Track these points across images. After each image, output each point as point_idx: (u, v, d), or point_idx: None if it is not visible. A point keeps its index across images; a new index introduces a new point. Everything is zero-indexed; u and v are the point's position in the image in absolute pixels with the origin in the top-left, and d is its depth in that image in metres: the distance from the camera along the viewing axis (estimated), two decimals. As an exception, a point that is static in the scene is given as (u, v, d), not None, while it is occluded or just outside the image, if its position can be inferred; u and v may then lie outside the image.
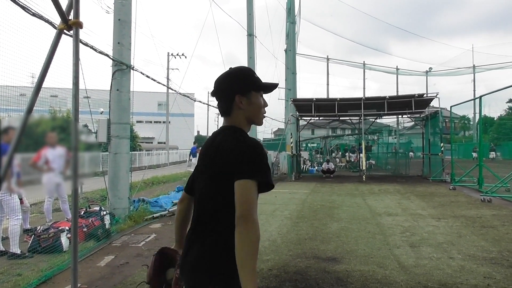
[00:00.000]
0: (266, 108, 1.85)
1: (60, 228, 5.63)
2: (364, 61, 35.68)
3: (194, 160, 16.53)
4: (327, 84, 32.95)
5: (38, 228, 5.69)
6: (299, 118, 20.12)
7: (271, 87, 1.84)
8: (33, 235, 5.53)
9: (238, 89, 1.73)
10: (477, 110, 13.38)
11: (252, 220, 1.41)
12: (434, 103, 17.76)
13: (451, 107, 16.08)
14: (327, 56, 33.85)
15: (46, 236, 5.41)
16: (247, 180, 1.47)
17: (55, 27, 3.95)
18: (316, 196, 11.51)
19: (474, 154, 30.80)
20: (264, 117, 1.85)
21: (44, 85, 3.56)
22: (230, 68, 1.81)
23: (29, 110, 3.30)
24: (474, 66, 41.02)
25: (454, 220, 7.42)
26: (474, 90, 40.69)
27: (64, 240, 5.47)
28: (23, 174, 5.48)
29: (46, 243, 5.34)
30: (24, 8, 4.58)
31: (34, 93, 3.46)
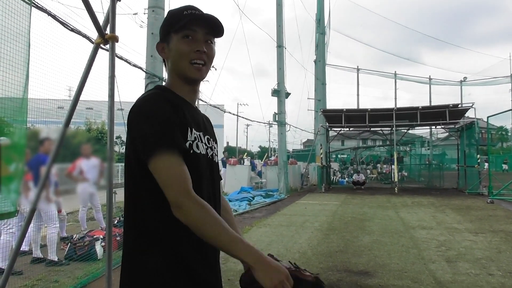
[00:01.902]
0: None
1: (94, 236, 5.77)
2: (395, 71, 35.09)
3: (223, 171, 16.63)
4: (357, 95, 32.58)
5: (74, 236, 5.86)
6: (329, 129, 19.96)
7: (197, 19, 1.31)
8: (69, 243, 5.70)
9: (160, 36, 1.40)
10: (516, 121, 12.88)
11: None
12: (470, 113, 17.26)
13: (488, 117, 15.53)
14: (357, 66, 33.53)
15: (82, 244, 5.56)
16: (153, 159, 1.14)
17: (92, 42, 4.10)
18: (347, 208, 11.32)
19: (504, 166, 29.67)
20: (199, 67, 1.32)
21: (80, 97, 3.70)
22: None
23: (67, 122, 3.43)
24: (511, 75, 39.59)
25: (492, 235, 7.11)
26: (512, 100, 39.19)
27: (99, 248, 5.60)
28: (61, 183, 5.70)
29: (81, 251, 5.49)
30: (63, 24, 4.78)
31: (72, 106, 3.60)
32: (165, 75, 7.64)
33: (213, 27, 1.35)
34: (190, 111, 1.35)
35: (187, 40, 1.30)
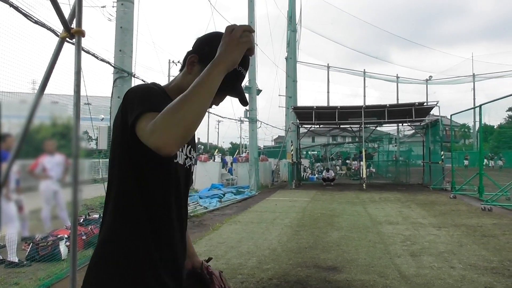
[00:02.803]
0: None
1: (59, 236, 5.59)
2: (364, 69, 35.84)
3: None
4: (328, 92, 33.11)
5: (37, 236, 5.66)
6: (300, 126, 20.14)
7: (233, 93, 1.34)
8: (31, 243, 5.49)
9: (201, 51, 1.30)
10: (477, 119, 13.43)
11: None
12: (434, 111, 17.84)
13: (451, 115, 16.12)
14: (328, 64, 34.05)
15: (45, 244, 5.37)
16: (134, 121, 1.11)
17: (58, 35, 3.96)
18: (317, 204, 11.47)
19: (466, 162, 30.92)
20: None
21: (45, 91, 3.57)
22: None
23: (30, 117, 3.30)
24: (474, 75, 41.21)
25: (455, 229, 7.38)
26: (474, 99, 40.82)
27: (63, 248, 5.43)
28: (22, 181, 5.48)
29: (44, 251, 5.30)
30: (26, 15, 4.59)
31: (35, 100, 3.47)
32: (134, 70, 7.32)
33: (239, 100, 1.37)
34: None
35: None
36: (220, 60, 1.10)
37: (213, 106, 1.37)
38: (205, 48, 1.29)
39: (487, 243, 6.22)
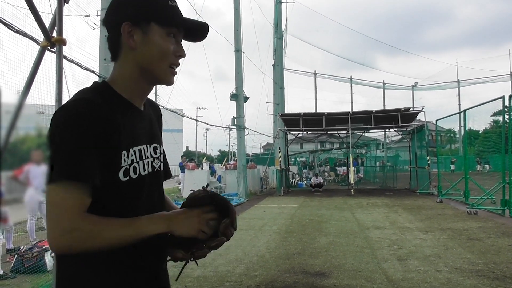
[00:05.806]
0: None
1: (44, 247, 5.51)
2: (351, 76, 36.22)
3: (181, 175, 16.47)
4: (315, 99, 33.37)
5: (22, 247, 5.58)
6: (287, 133, 20.21)
7: (189, 23, 1.14)
8: (16, 255, 5.41)
9: (128, 15, 1.08)
10: (462, 124, 13.62)
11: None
12: (420, 116, 18.06)
13: (436, 120, 16.35)
14: (315, 71, 34.35)
15: (30, 255, 5.29)
16: (49, 186, 0.97)
17: (39, 44, 3.94)
18: (305, 210, 11.50)
19: (452, 166, 31.33)
20: (174, 72, 1.15)
21: (32, 102, 3.55)
22: None
23: (12, 126, 3.27)
24: (458, 81, 41.91)
25: (441, 232, 7.46)
26: (459, 104, 41.43)
27: (48, 259, 5.35)
28: (6, 192, 5.40)
29: (29, 263, 5.22)
30: (7, 25, 4.57)
31: (15, 110, 3.44)
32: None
33: (197, 33, 1.19)
34: (134, 119, 1.13)
35: (171, 40, 1.11)
36: (168, 225, 1.06)
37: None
38: (128, 10, 1.09)
39: (472, 246, 6.30)
